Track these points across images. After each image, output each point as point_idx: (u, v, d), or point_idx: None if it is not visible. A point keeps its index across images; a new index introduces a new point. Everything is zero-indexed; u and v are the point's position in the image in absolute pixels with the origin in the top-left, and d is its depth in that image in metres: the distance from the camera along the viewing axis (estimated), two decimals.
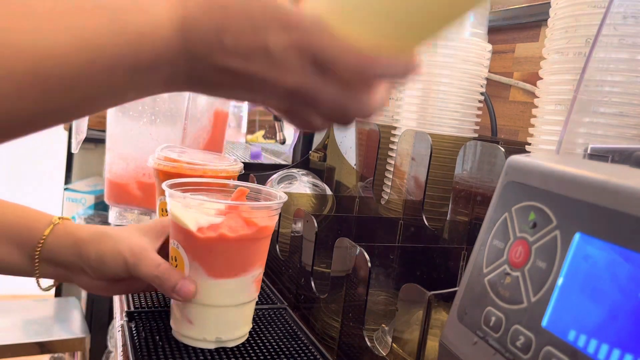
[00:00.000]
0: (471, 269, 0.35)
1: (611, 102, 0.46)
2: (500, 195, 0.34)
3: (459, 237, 0.65)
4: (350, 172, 0.86)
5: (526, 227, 0.31)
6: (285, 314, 0.65)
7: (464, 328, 0.33)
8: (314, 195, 0.84)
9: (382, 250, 0.63)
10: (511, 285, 0.31)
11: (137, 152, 0.91)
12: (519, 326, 0.29)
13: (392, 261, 0.64)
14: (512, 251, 0.32)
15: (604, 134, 0.47)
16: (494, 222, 0.34)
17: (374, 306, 0.64)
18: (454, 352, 0.34)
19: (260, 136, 2.01)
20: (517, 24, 0.92)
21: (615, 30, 0.45)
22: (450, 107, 0.70)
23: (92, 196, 2.37)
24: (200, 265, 0.52)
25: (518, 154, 0.35)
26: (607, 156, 0.35)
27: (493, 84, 0.96)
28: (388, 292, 0.66)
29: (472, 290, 0.34)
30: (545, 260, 0.29)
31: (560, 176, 0.30)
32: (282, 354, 0.55)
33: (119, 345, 0.56)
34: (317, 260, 0.64)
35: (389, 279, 0.65)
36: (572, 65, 0.50)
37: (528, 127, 0.56)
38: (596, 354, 0.25)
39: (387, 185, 0.77)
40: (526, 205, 0.32)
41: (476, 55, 0.70)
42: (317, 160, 1.00)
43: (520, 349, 0.29)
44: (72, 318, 1.77)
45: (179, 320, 0.55)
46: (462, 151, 0.66)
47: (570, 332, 0.27)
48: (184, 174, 0.67)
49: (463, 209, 0.65)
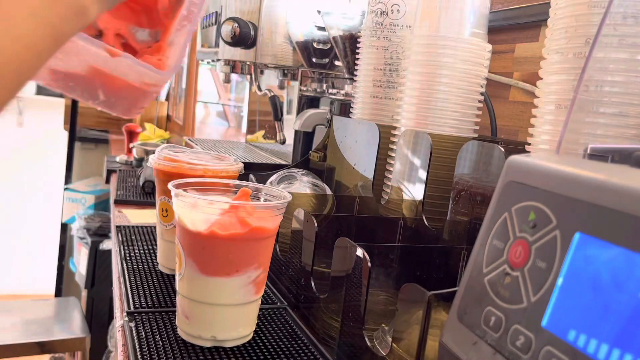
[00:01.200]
0: (471, 269, 0.35)
1: (611, 102, 0.46)
2: (500, 195, 0.34)
3: (459, 237, 0.65)
4: (350, 172, 0.86)
5: (526, 227, 0.31)
6: (285, 314, 0.65)
7: (464, 328, 0.33)
8: (314, 195, 0.84)
9: (382, 250, 0.63)
10: (511, 285, 0.31)
11: None
12: (519, 326, 0.29)
13: (392, 261, 0.64)
14: (512, 251, 0.32)
15: (604, 134, 0.46)
16: (494, 222, 0.34)
17: (374, 306, 0.64)
18: (454, 352, 0.34)
19: (260, 136, 2.01)
20: (517, 24, 0.92)
21: (615, 30, 0.45)
22: (450, 107, 0.70)
23: (92, 196, 2.37)
24: (193, 261, 0.53)
25: (518, 154, 0.35)
26: (607, 156, 0.35)
27: (493, 84, 0.96)
28: (388, 292, 0.66)
29: (472, 290, 0.34)
30: (545, 260, 0.29)
31: (560, 176, 0.30)
32: (282, 354, 0.55)
33: (119, 345, 0.56)
34: (317, 260, 0.64)
35: (389, 279, 0.65)
36: (572, 65, 0.50)
37: (528, 127, 0.56)
38: (596, 354, 0.25)
39: (387, 185, 0.77)
40: (526, 205, 0.32)
41: (476, 55, 0.70)
42: (317, 160, 1.00)
43: (520, 349, 0.29)
44: (72, 318, 1.77)
45: (179, 316, 0.56)
46: (462, 151, 0.66)
47: (570, 332, 0.27)
48: (184, 174, 0.67)
49: (463, 209, 0.65)
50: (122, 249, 0.83)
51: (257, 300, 0.57)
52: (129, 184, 1.44)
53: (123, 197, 1.27)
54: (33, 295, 3.08)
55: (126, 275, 0.72)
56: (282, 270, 0.75)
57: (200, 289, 0.53)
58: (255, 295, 0.56)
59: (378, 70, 0.82)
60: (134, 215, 1.11)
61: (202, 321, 0.54)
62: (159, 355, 0.52)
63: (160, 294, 0.67)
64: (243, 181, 0.63)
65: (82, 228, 2.15)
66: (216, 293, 0.53)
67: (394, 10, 0.80)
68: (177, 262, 0.55)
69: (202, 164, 0.69)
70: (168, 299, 0.65)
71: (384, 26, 0.81)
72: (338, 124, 0.90)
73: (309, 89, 1.21)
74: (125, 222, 1.04)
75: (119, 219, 1.07)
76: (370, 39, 0.82)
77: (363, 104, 0.85)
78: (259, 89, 1.28)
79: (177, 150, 0.74)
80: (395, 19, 0.80)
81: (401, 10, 0.80)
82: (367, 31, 0.83)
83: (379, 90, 0.83)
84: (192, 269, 0.53)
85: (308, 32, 1.11)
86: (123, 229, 0.95)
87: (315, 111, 1.12)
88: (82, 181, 2.59)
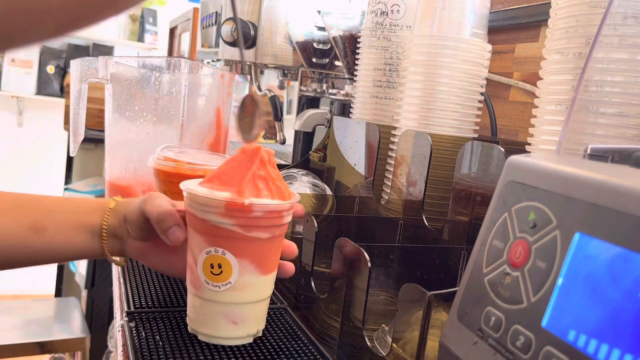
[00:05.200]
0: (471, 269, 0.35)
1: (611, 102, 0.46)
2: (500, 195, 0.34)
3: (459, 237, 0.65)
4: (350, 172, 0.86)
5: (526, 227, 0.31)
6: (285, 314, 0.65)
7: (464, 328, 0.33)
8: (314, 195, 0.84)
9: (382, 250, 0.63)
10: (511, 285, 0.31)
11: (136, 153, 0.91)
12: (519, 326, 0.29)
13: (392, 261, 0.64)
14: (512, 251, 0.32)
15: (604, 134, 0.47)
16: (494, 222, 0.34)
17: (374, 306, 0.64)
18: (454, 352, 0.34)
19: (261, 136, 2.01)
20: (517, 24, 0.92)
21: (615, 30, 0.45)
22: (450, 107, 0.70)
23: (92, 196, 2.37)
24: (255, 267, 0.54)
25: (518, 154, 0.35)
26: (607, 156, 0.35)
27: (493, 84, 0.96)
28: (388, 292, 0.66)
29: (472, 290, 0.34)
30: (545, 260, 0.29)
31: (560, 176, 0.30)
32: (282, 354, 0.55)
33: (119, 345, 0.56)
34: (317, 260, 0.64)
35: (389, 279, 0.65)
36: (572, 65, 0.50)
37: (528, 127, 0.56)
38: (596, 354, 0.25)
39: (387, 185, 0.77)
40: (526, 205, 0.32)
41: (476, 55, 0.70)
42: (317, 160, 1.00)
43: (520, 349, 0.29)
44: (72, 318, 1.77)
45: (222, 325, 0.56)
46: (462, 151, 0.66)
47: (570, 332, 0.27)
48: (184, 174, 0.67)
49: (463, 209, 0.65)
50: None
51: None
52: None
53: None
54: (33, 295, 3.08)
55: (126, 275, 0.72)
56: None
57: (257, 288, 0.55)
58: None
59: (378, 70, 0.82)
60: None
61: (253, 319, 0.56)
62: (159, 355, 0.52)
63: (160, 294, 0.67)
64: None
65: None
66: (269, 287, 0.56)
67: (394, 10, 0.80)
68: (219, 274, 0.53)
69: (202, 164, 0.69)
70: (168, 299, 0.65)
71: (384, 26, 0.81)
72: (338, 124, 0.90)
73: (309, 89, 1.21)
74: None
75: None
76: (370, 39, 0.82)
77: (363, 104, 0.85)
78: (259, 89, 1.28)
79: (177, 150, 0.74)
80: (395, 19, 0.80)
81: (401, 10, 0.80)
82: (367, 31, 0.83)
83: (379, 90, 0.83)
84: (251, 274, 0.53)
85: (308, 32, 1.11)
86: None
87: (315, 111, 1.12)
88: (82, 181, 2.59)
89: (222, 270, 0.53)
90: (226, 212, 0.51)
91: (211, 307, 0.54)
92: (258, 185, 0.52)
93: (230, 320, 0.54)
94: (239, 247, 0.52)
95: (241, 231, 0.51)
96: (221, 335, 0.55)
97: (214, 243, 0.52)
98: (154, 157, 0.70)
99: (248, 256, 0.53)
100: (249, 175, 0.52)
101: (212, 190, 0.52)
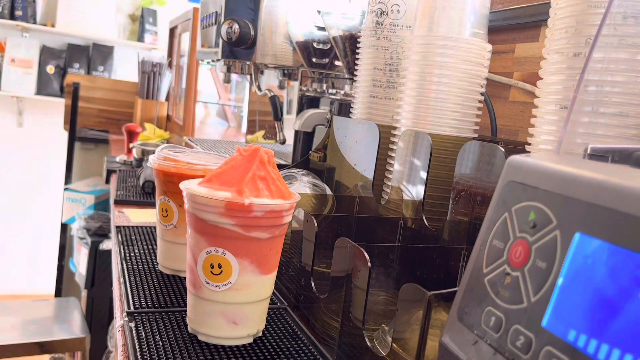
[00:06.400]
0: (471, 269, 0.35)
1: (611, 102, 0.46)
2: (500, 195, 0.34)
3: (459, 237, 0.65)
4: (350, 172, 0.86)
5: (526, 227, 0.31)
6: (285, 314, 0.65)
7: (464, 328, 0.33)
8: (314, 195, 0.84)
9: (382, 250, 0.63)
10: (511, 285, 0.31)
11: None
12: (519, 326, 0.29)
13: (392, 261, 0.64)
14: (512, 251, 0.32)
15: (604, 134, 0.46)
16: (494, 222, 0.34)
17: (374, 306, 0.64)
18: (454, 352, 0.34)
19: (260, 136, 2.01)
20: (517, 24, 0.92)
21: (615, 30, 0.45)
22: (450, 107, 0.70)
23: (92, 196, 2.37)
24: (256, 266, 0.54)
25: (518, 154, 0.35)
26: (607, 156, 0.35)
27: (493, 84, 0.96)
28: (388, 292, 0.66)
29: (472, 290, 0.34)
30: (545, 260, 0.29)
31: (560, 176, 0.30)
32: (282, 354, 0.55)
33: (119, 345, 0.56)
34: (317, 260, 0.64)
35: (389, 279, 0.65)
36: (572, 65, 0.50)
37: (528, 127, 0.56)
38: (596, 354, 0.25)
39: (387, 185, 0.77)
40: (526, 205, 0.32)
41: (476, 55, 0.70)
42: (317, 160, 1.00)
43: (520, 349, 0.29)
44: (72, 318, 1.77)
45: (222, 326, 0.56)
46: (462, 151, 0.66)
47: (570, 332, 0.27)
48: (184, 174, 0.67)
49: (463, 209, 0.65)
50: (122, 249, 0.83)
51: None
52: (129, 184, 1.44)
53: (123, 197, 1.27)
54: (33, 296, 3.08)
55: (126, 276, 0.72)
56: (282, 270, 0.75)
57: (257, 288, 0.55)
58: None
59: (378, 70, 0.82)
60: (135, 214, 1.11)
61: (253, 319, 0.56)
62: (159, 355, 0.52)
63: (160, 294, 0.67)
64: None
65: (82, 228, 2.15)
66: (269, 287, 0.57)
67: (394, 10, 0.80)
68: (219, 274, 0.53)
69: (202, 164, 0.69)
70: (168, 299, 0.65)
71: (384, 26, 0.81)
72: (338, 124, 0.90)
73: (309, 89, 1.21)
74: (125, 222, 1.04)
75: (119, 219, 1.07)
76: (370, 39, 0.82)
77: (363, 104, 0.85)
78: (259, 89, 1.28)
79: (177, 150, 0.74)
80: (395, 19, 0.80)
81: (401, 10, 0.80)
82: (367, 31, 0.83)
83: (379, 90, 0.83)
84: (251, 274, 0.54)
85: (308, 32, 1.11)
86: (123, 229, 0.95)
87: (315, 111, 1.12)
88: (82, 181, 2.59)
89: (222, 270, 0.53)
90: (226, 212, 0.51)
91: (211, 307, 0.54)
92: (258, 185, 0.52)
93: (230, 320, 0.54)
94: (239, 247, 0.52)
95: (241, 231, 0.51)
96: (221, 335, 0.55)
97: (214, 243, 0.52)
98: (154, 157, 0.70)
99: (248, 256, 0.53)
100: (248, 176, 0.52)
101: (212, 190, 0.52)
